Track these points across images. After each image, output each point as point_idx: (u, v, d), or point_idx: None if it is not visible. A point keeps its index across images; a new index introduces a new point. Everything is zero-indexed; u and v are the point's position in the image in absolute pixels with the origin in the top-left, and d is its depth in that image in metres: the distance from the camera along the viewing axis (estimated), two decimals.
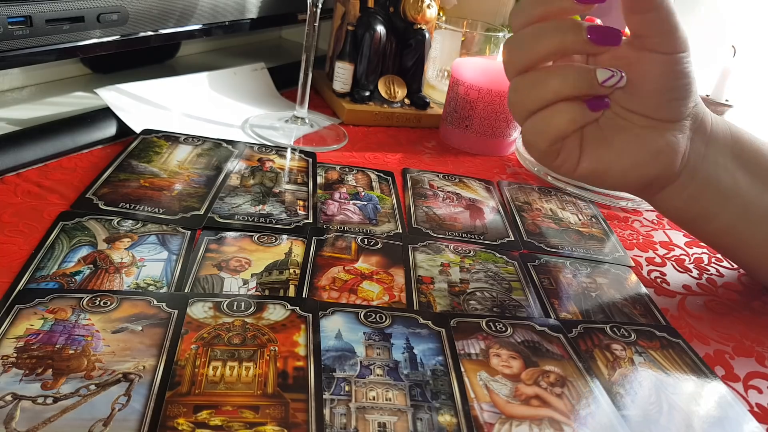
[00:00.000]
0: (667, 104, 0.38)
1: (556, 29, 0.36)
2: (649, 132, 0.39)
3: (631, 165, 0.39)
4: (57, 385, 0.27)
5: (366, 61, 0.65)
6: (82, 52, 0.52)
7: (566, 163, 0.40)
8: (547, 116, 0.37)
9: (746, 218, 0.41)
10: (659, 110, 0.38)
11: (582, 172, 0.40)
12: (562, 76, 0.36)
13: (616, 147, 0.39)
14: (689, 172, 0.40)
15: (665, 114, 0.38)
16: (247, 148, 0.54)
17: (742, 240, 0.42)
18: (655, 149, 0.39)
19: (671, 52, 0.36)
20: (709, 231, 0.43)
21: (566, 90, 0.37)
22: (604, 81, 0.36)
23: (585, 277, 0.44)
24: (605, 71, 0.36)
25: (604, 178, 0.40)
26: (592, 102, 0.38)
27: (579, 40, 0.36)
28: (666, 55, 0.36)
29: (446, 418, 0.29)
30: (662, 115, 0.38)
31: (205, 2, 0.60)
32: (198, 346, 0.30)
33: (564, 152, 0.39)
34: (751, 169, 0.41)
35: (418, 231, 0.46)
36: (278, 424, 0.27)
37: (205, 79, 0.64)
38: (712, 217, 0.42)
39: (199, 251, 0.38)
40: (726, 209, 0.41)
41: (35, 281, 0.33)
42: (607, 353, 0.36)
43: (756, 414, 0.33)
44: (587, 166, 0.39)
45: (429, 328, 0.35)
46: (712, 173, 0.40)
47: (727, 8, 0.83)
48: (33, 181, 0.43)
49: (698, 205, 0.41)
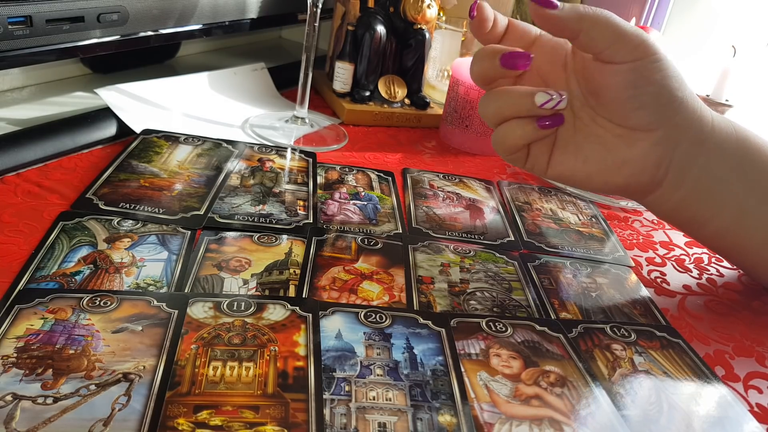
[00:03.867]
0: (632, 113, 0.38)
1: (477, 57, 0.40)
2: (619, 141, 0.39)
3: (596, 172, 0.40)
4: (57, 385, 0.27)
5: (366, 61, 0.65)
6: (82, 52, 0.52)
7: (536, 166, 0.41)
8: (502, 130, 0.40)
9: (741, 226, 0.41)
10: (626, 119, 0.38)
11: (551, 174, 0.41)
12: (503, 99, 0.39)
13: (584, 153, 0.40)
14: (674, 180, 0.39)
15: (633, 123, 0.38)
16: (247, 148, 0.54)
17: (738, 244, 0.42)
18: (620, 160, 0.39)
19: (624, 61, 0.36)
20: (703, 234, 0.43)
21: (508, 111, 0.39)
22: (542, 104, 0.38)
23: (585, 277, 0.44)
24: (544, 95, 0.38)
25: (572, 182, 0.41)
26: (542, 121, 0.39)
27: (494, 65, 0.39)
28: (620, 64, 0.36)
29: (446, 418, 0.29)
30: (631, 123, 0.38)
31: (205, 2, 0.60)
32: (198, 346, 0.30)
33: (532, 156, 0.41)
34: (750, 177, 0.40)
35: (418, 231, 0.46)
36: (278, 424, 0.27)
37: (205, 79, 0.64)
38: (706, 222, 0.41)
39: (199, 251, 0.38)
40: (719, 216, 0.41)
41: (35, 281, 0.33)
42: (607, 353, 0.36)
43: (756, 414, 0.33)
44: (554, 170, 0.41)
45: (429, 328, 0.35)
46: (703, 181, 0.39)
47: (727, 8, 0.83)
48: (33, 181, 0.43)
49: (690, 210, 0.41)
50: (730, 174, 0.40)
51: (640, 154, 0.39)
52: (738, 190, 0.40)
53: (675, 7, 0.88)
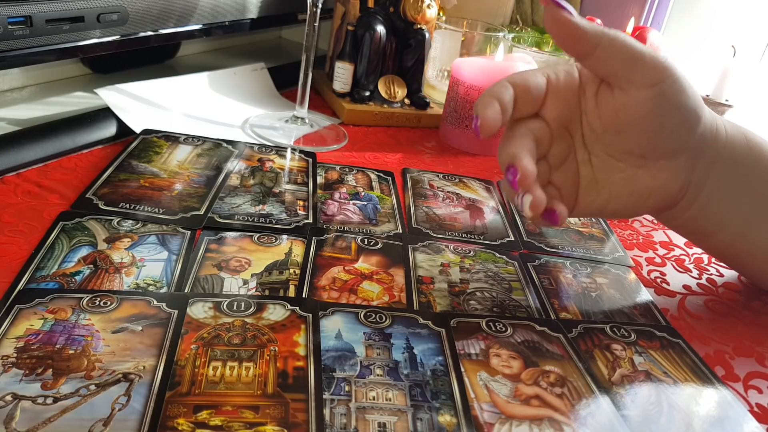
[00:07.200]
0: (662, 142, 0.36)
1: None
2: (642, 173, 0.37)
3: (622, 207, 0.39)
4: (57, 385, 0.27)
5: (366, 61, 0.65)
6: (82, 52, 0.52)
7: None
8: None
9: (746, 236, 0.41)
10: (654, 150, 0.36)
11: (575, 214, 0.40)
12: None
13: (607, 190, 0.38)
14: (688, 200, 0.39)
15: (660, 152, 0.36)
16: (247, 148, 0.54)
17: (743, 254, 0.43)
18: (647, 191, 0.38)
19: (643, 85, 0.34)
20: (708, 245, 0.44)
21: None
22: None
23: (585, 277, 0.44)
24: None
25: (601, 216, 0.41)
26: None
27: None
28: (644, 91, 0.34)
29: (446, 418, 0.29)
30: (657, 153, 0.37)
31: (205, 2, 0.60)
32: (198, 346, 0.30)
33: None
34: (757, 191, 0.40)
35: (418, 231, 0.46)
36: (278, 424, 0.27)
37: (205, 79, 0.64)
38: (712, 235, 0.42)
39: (199, 251, 0.38)
40: (725, 229, 0.41)
41: (35, 281, 0.33)
42: (607, 353, 0.36)
43: (756, 414, 0.33)
44: (581, 210, 0.39)
45: (429, 328, 0.35)
46: (713, 198, 0.39)
47: (726, 8, 0.83)
48: (33, 181, 0.43)
49: (696, 224, 0.41)
50: (738, 188, 0.39)
51: (664, 182, 0.37)
52: (744, 203, 0.40)
53: (675, 7, 0.88)
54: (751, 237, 0.41)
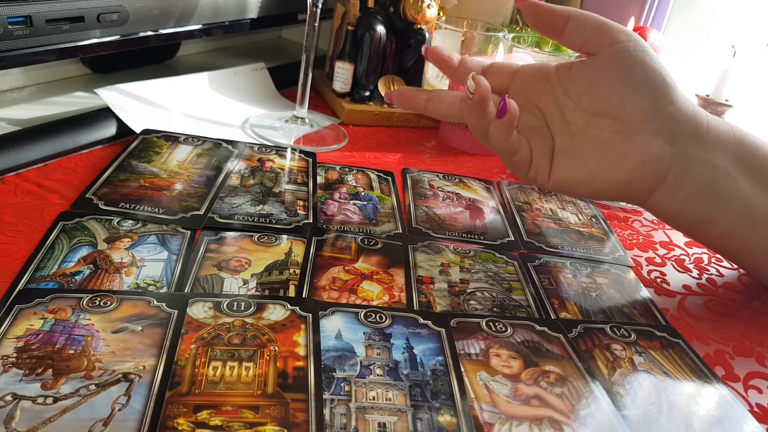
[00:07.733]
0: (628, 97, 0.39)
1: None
2: (617, 136, 0.40)
3: (598, 169, 0.40)
4: (57, 385, 0.27)
5: (366, 61, 0.65)
6: (82, 52, 0.52)
7: (538, 175, 0.42)
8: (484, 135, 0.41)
9: (748, 223, 0.40)
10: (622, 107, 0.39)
11: (553, 182, 0.42)
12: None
13: (584, 154, 0.41)
14: (677, 175, 0.39)
15: (629, 111, 0.39)
16: (247, 148, 0.54)
17: (745, 244, 0.42)
18: (621, 152, 0.39)
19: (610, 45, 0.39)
20: (710, 235, 0.43)
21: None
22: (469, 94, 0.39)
23: (585, 277, 0.44)
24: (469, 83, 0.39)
25: (575, 186, 0.41)
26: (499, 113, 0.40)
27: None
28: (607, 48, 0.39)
29: (446, 418, 0.29)
30: (627, 113, 0.39)
31: (205, 2, 0.60)
32: (198, 346, 0.30)
33: (534, 166, 0.42)
34: (754, 172, 0.40)
35: (418, 231, 0.46)
36: (278, 424, 0.27)
37: (205, 79, 0.64)
38: (713, 222, 0.41)
39: (199, 251, 0.38)
40: (726, 213, 0.40)
41: (35, 281, 0.33)
42: (607, 353, 0.36)
43: (756, 414, 0.33)
44: (556, 174, 0.41)
45: (429, 328, 0.35)
46: (708, 177, 0.39)
47: (726, 8, 0.83)
48: (33, 181, 0.43)
49: (696, 209, 0.41)
50: (734, 169, 0.40)
51: (639, 145, 0.39)
52: (744, 185, 0.40)
53: (675, 7, 0.88)
54: (755, 220, 0.40)
